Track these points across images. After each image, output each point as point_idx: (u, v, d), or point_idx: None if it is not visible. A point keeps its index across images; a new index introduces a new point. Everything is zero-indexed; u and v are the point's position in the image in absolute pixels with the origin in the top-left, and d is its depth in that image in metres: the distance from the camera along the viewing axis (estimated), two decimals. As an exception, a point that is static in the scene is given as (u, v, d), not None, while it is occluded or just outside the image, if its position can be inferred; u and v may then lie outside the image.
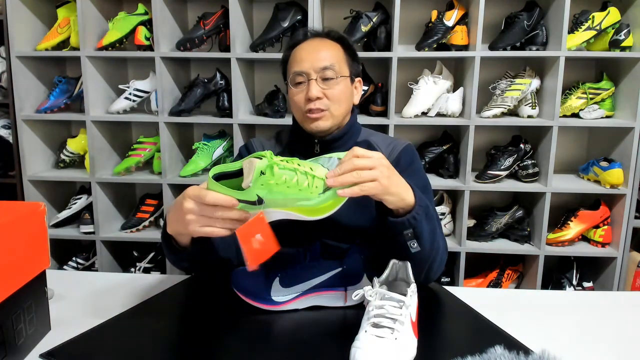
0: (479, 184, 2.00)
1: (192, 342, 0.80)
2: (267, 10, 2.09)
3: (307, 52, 1.09)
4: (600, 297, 1.04)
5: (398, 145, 1.15)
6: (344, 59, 1.11)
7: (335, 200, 0.80)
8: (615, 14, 1.90)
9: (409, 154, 1.14)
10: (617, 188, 1.93)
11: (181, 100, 2.07)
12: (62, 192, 2.32)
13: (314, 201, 0.79)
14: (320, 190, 0.78)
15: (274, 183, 0.76)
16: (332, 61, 1.07)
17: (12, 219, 0.76)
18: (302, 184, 0.78)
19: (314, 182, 0.78)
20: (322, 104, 1.07)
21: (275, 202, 0.79)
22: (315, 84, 1.06)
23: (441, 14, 1.95)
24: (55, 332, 0.85)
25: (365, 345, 0.70)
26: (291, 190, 0.78)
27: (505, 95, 1.99)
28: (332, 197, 0.79)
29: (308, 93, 1.06)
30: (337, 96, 1.08)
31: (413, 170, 1.11)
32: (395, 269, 0.89)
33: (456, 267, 2.09)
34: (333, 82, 1.07)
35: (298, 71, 1.07)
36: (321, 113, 1.07)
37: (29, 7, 2.08)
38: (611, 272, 2.01)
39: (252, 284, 0.91)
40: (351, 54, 1.14)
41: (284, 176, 0.77)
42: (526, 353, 0.71)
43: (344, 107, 1.11)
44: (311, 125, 1.09)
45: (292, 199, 0.79)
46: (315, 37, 1.13)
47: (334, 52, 1.09)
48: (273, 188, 0.77)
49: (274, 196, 0.78)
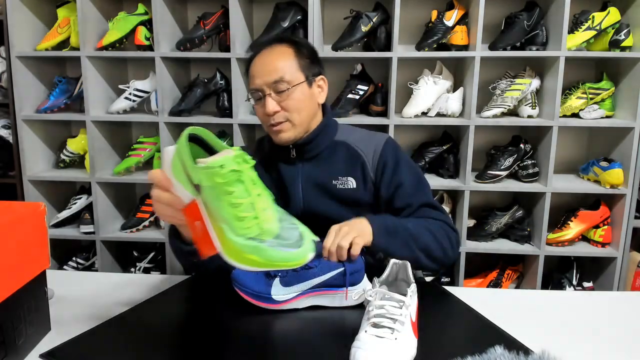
0: (479, 184, 2.00)
1: (192, 342, 0.80)
2: (267, 10, 2.09)
3: (258, 67, 1.10)
4: (600, 297, 1.04)
5: (379, 143, 1.16)
6: (295, 65, 1.10)
7: (251, 257, 0.66)
8: (615, 14, 1.90)
9: (392, 150, 1.15)
10: (617, 188, 1.93)
11: (181, 100, 2.07)
12: (62, 192, 2.32)
13: (237, 241, 0.66)
14: (251, 234, 0.66)
15: (219, 182, 0.66)
16: (281, 73, 1.07)
17: (12, 219, 0.76)
18: (240, 212, 0.66)
19: (253, 222, 0.67)
20: (280, 116, 1.09)
21: (209, 203, 0.69)
22: (270, 99, 1.07)
23: (441, 14, 1.95)
24: (55, 332, 0.85)
25: (365, 345, 0.70)
26: (225, 208, 0.67)
27: (505, 95, 1.99)
28: (254, 251, 0.65)
29: (265, 109, 1.08)
30: (293, 106, 1.09)
31: (402, 166, 1.13)
32: (395, 269, 0.89)
33: (456, 267, 2.09)
34: (286, 93, 1.07)
35: (253, 88, 1.10)
36: (281, 125, 1.09)
37: (29, 7, 2.08)
38: (611, 272, 2.01)
39: (253, 283, 0.91)
40: (307, 56, 1.12)
41: (234, 189, 0.67)
42: (526, 353, 0.71)
43: (304, 113, 1.11)
44: (276, 137, 1.12)
45: (220, 216, 0.68)
46: (266, 48, 1.12)
47: (283, 62, 1.09)
48: (215, 188, 0.67)
49: (210, 197, 0.68)
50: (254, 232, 0.66)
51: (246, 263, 0.66)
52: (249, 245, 0.66)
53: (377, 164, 1.13)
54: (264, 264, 0.66)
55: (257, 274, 0.91)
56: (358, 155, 1.14)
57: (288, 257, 0.66)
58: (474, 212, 2.18)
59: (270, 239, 0.67)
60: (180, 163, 0.70)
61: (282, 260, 0.65)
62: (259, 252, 0.65)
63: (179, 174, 0.71)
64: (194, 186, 0.70)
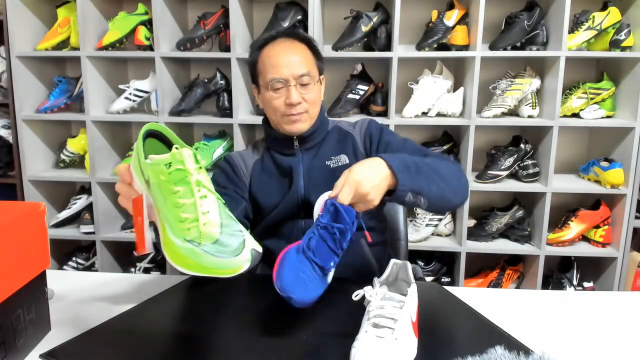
0: (479, 184, 2.00)
1: (192, 342, 0.80)
2: (267, 10, 2.09)
3: (282, 57, 1.12)
4: (600, 297, 1.04)
5: (363, 122, 1.24)
6: (314, 62, 1.17)
7: (190, 262, 0.65)
8: (616, 14, 1.90)
9: (375, 125, 1.22)
10: (618, 188, 1.93)
11: (181, 100, 2.07)
12: (62, 192, 2.32)
13: (174, 242, 0.66)
14: (188, 236, 0.66)
15: (164, 180, 0.66)
16: (308, 67, 1.13)
17: (12, 219, 0.76)
18: (181, 213, 0.66)
19: (192, 224, 0.66)
20: (302, 107, 1.14)
21: (155, 199, 0.70)
22: (295, 90, 1.11)
23: (441, 14, 1.95)
24: (55, 332, 0.85)
25: (365, 345, 0.70)
26: (168, 207, 0.67)
27: (506, 95, 1.99)
28: (189, 254, 0.65)
29: (289, 99, 1.11)
30: (314, 99, 1.15)
31: (386, 132, 1.19)
32: (396, 269, 0.89)
33: (456, 267, 2.09)
34: (310, 86, 1.13)
35: (277, 78, 1.11)
36: (301, 116, 1.14)
37: (29, 7, 2.08)
38: (611, 272, 2.01)
39: (313, 293, 0.84)
40: (317, 54, 1.19)
41: (179, 189, 0.66)
42: (526, 353, 0.71)
43: (318, 107, 1.19)
44: (291, 127, 1.15)
45: (164, 214, 0.68)
46: (284, 38, 1.16)
47: (306, 57, 1.15)
48: (160, 185, 0.67)
49: (156, 193, 0.68)
50: (192, 234, 0.66)
51: (181, 264, 0.66)
52: (184, 247, 0.65)
53: (364, 137, 1.20)
54: (196, 268, 0.65)
55: (312, 281, 0.85)
56: (347, 133, 1.22)
57: (221, 265, 0.65)
58: (474, 212, 2.18)
59: (207, 244, 0.66)
60: (137, 157, 0.71)
61: (215, 267, 0.64)
62: (193, 256, 0.65)
63: (137, 168, 0.72)
64: (146, 182, 0.70)
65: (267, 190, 1.18)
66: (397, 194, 0.90)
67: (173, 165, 0.66)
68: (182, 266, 0.66)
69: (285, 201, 1.15)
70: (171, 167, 0.66)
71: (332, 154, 1.18)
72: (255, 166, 1.21)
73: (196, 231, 0.66)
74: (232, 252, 0.66)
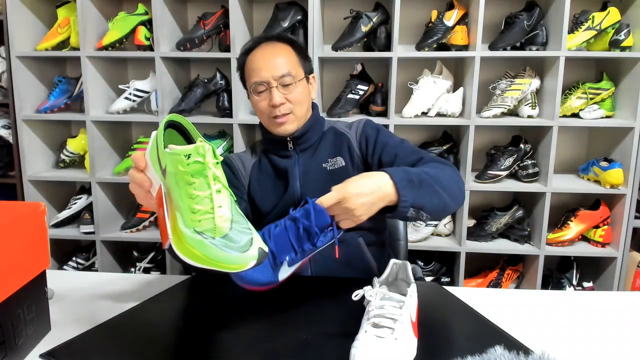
0: (479, 184, 2.00)
1: (192, 342, 0.80)
2: (267, 10, 2.09)
3: (263, 61, 1.13)
4: (600, 297, 1.04)
5: (360, 123, 1.23)
6: (297, 62, 1.16)
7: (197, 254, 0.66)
8: (615, 14, 1.90)
9: (371, 126, 1.21)
10: (617, 188, 1.93)
11: (181, 100, 2.07)
12: (62, 192, 2.32)
13: (185, 232, 0.66)
14: (199, 228, 0.66)
15: (182, 170, 0.67)
16: (288, 68, 1.12)
17: (12, 219, 0.76)
18: (195, 204, 0.67)
19: (205, 216, 0.67)
20: (285, 108, 1.13)
21: (170, 189, 0.70)
22: (276, 91, 1.12)
23: (441, 14, 1.95)
24: (55, 332, 0.85)
25: (365, 345, 0.70)
26: (183, 197, 0.67)
27: (505, 95, 1.99)
28: (197, 245, 0.65)
29: (271, 101, 1.12)
30: (298, 99, 1.14)
31: (382, 133, 1.18)
32: (395, 269, 0.89)
33: (456, 267, 2.09)
34: (292, 87, 1.13)
35: (258, 81, 1.12)
36: (286, 117, 1.14)
37: (29, 7, 2.08)
38: (611, 272, 2.01)
39: (260, 276, 0.89)
40: (302, 55, 1.19)
41: (195, 181, 0.67)
42: (526, 353, 0.71)
43: (305, 106, 1.17)
44: (278, 129, 1.15)
45: (177, 204, 0.68)
46: (266, 43, 1.16)
47: (288, 58, 1.14)
48: (177, 175, 0.68)
49: (172, 183, 0.69)
50: (203, 226, 0.67)
51: (188, 256, 0.66)
52: (194, 238, 0.66)
53: (360, 139, 1.19)
54: (203, 260, 0.65)
55: (263, 268, 0.89)
56: (342, 134, 1.21)
57: (228, 259, 0.65)
58: (474, 212, 2.19)
59: (217, 237, 0.66)
60: (155, 146, 0.72)
61: (222, 261, 0.65)
62: (201, 248, 0.65)
63: (153, 157, 0.73)
64: (162, 170, 0.71)
65: (264, 192, 1.19)
66: (398, 210, 0.91)
67: (192, 157, 0.67)
68: (189, 257, 0.66)
69: (282, 203, 1.15)
70: (190, 159, 0.67)
71: (328, 155, 1.18)
72: (253, 168, 1.22)
73: (207, 223, 0.67)
74: (240, 248, 0.66)
